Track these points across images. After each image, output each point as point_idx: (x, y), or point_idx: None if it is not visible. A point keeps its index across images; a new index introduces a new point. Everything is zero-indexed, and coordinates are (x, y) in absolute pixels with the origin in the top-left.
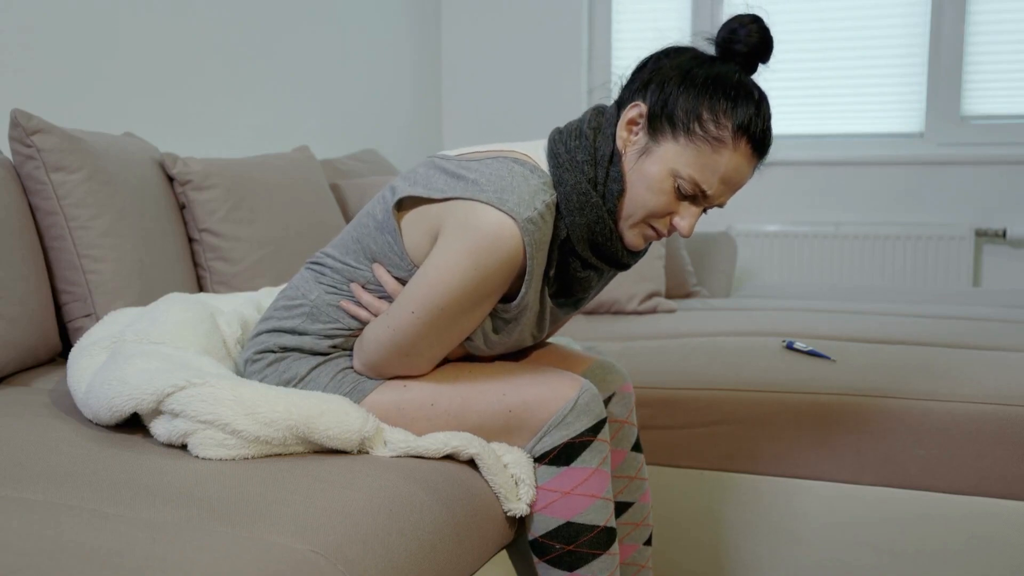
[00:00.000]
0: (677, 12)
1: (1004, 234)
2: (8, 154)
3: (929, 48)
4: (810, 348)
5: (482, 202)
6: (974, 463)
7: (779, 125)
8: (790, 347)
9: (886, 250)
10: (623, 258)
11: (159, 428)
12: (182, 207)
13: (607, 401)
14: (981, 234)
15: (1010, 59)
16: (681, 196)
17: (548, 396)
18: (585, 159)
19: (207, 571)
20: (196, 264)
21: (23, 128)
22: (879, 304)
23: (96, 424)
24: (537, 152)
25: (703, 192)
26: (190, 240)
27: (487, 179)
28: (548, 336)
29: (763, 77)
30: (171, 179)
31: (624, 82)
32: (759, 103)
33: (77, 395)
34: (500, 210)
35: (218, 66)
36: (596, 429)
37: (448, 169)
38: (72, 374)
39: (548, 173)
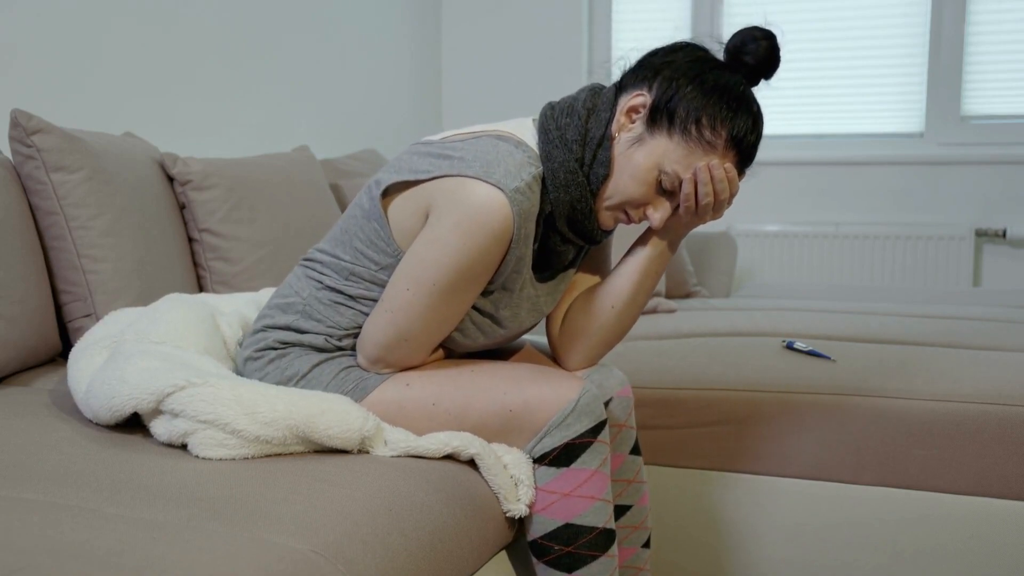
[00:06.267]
0: (678, 11)
1: (1004, 234)
2: (8, 154)
3: (929, 48)
4: (810, 348)
5: (470, 177)
6: (974, 463)
7: (779, 125)
8: (790, 347)
9: (886, 250)
10: (596, 236)
11: (159, 428)
12: (182, 207)
13: (606, 404)
14: (981, 234)
15: (1010, 59)
16: (660, 190)
17: (549, 396)
18: (575, 138)
19: (207, 571)
20: (196, 264)
21: (23, 128)
22: (879, 304)
23: (96, 424)
24: (520, 129)
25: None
26: (190, 240)
27: (473, 155)
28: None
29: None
30: (171, 179)
31: (628, 66)
32: (756, 118)
33: (77, 395)
34: (488, 182)
35: (218, 66)
36: (597, 430)
37: (432, 152)
38: (72, 374)
39: (533, 148)
